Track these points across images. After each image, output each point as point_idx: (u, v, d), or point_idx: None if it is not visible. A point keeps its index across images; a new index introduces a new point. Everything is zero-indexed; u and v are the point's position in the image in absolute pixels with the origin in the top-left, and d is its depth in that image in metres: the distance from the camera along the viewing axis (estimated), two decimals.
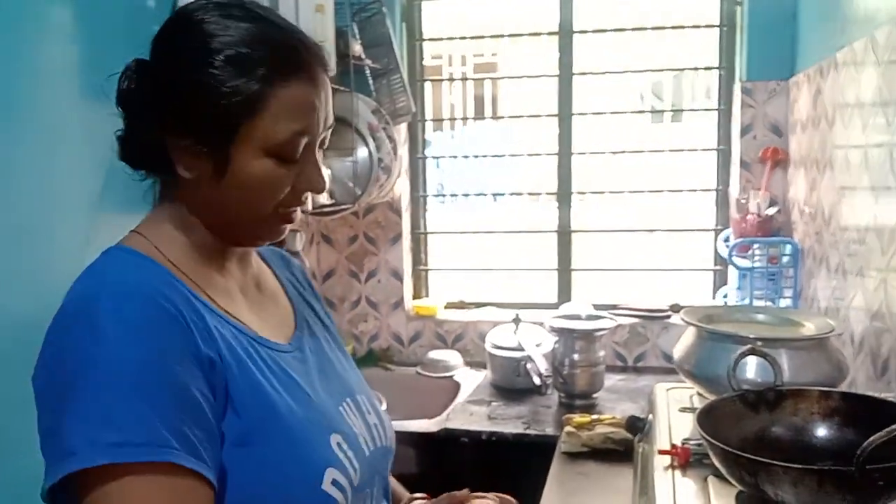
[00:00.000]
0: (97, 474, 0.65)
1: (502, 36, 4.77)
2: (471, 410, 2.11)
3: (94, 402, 0.66)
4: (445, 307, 2.73)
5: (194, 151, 0.78)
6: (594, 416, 1.77)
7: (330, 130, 0.86)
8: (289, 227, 0.86)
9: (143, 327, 0.70)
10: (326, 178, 0.87)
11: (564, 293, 2.68)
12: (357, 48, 2.27)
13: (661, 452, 1.17)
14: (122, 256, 0.78)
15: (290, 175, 0.81)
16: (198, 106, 0.77)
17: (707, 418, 1.03)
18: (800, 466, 0.86)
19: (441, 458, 1.97)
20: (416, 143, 2.73)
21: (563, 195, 2.65)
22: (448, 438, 1.97)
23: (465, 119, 5.20)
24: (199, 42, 0.78)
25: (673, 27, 4.07)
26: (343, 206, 2.28)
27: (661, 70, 3.48)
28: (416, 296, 2.78)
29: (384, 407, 2.29)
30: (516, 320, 2.35)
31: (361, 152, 2.24)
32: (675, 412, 1.37)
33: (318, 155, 0.85)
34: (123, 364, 0.67)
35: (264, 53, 0.78)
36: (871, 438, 0.81)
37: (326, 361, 0.94)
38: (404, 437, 2.02)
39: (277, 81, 0.78)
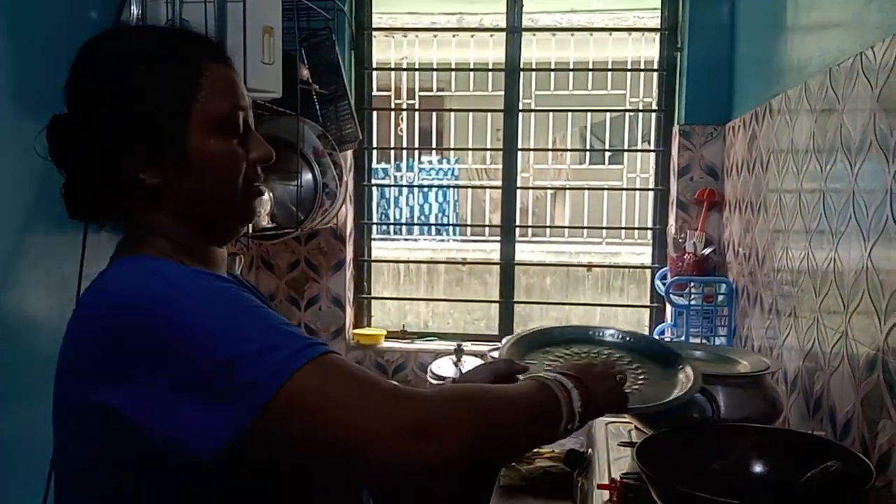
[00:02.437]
0: (299, 381, 0.66)
1: (450, 69, 4.85)
2: None
3: (242, 340, 0.68)
4: (387, 337, 2.70)
5: (151, 159, 0.80)
6: (533, 450, 1.76)
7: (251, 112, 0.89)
8: (258, 203, 0.89)
9: (223, 284, 0.75)
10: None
11: (506, 325, 2.68)
12: (305, 72, 2.26)
13: (601, 487, 1.17)
14: (154, 261, 0.79)
15: (241, 149, 0.84)
16: (144, 112, 0.79)
17: (646, 453, 1.03)
18: (738, 502, 0.86)
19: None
20: (362, 171, 2.72)
21: (507, 229, 2.67)
22: None
23: (410, 149, 5.21)
24: (122, 61, 0.81)
25: (615, 69, 4.22)
26: (285, 231, 2.24)
27: (604, 110, 3.58)
28: (358, 324, 2.75)
29: None
30: (458, 351, 2.34)
31: (306, 177, 2.22)
32: (614, 446, 1.38)
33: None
34: (237, 303, 0.72)
35: (180, 46, 0.83)
36: (809, 474, 0.83)
37: None
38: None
39: (202, 64, 0.82)
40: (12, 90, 1.45)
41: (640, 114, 4.67)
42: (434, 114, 5.42)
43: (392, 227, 4.92)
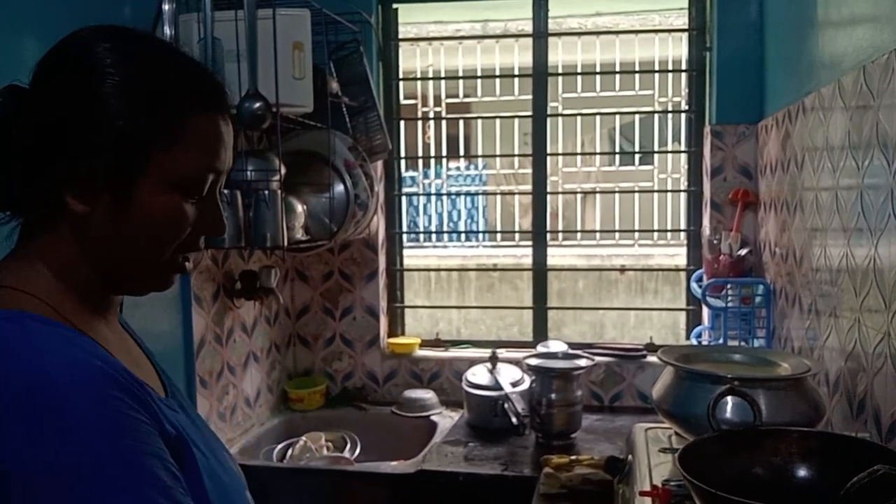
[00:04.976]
0: None
1: (476, 77, 4.85)
2: (447, 451, 2.08)
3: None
4: (421, 345, 2.71)
5: (91, 184, 0.71)
6: (572, 457, 1.75)
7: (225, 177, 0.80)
8: (176, 278, 0.79)
9: (121, 415, 0.65)
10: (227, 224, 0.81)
11: (540, 331, 2.68)
12: (334, 86, 2.28)
13: (643, 494, 1.16)
14: (38, 328, 0.67)
15: (193, 213, 0.75)
16: (106, 136, 0.70)
17: (688, 459, 1.02)
18: None
19: (417, 500, 1.93)
20: (392, 181, 2.74)
21: (539, 233, 2.67)
22: (424, 480, 1.93)
23: (439, 157, 5.22)
24: (107, 68, 0.71)
25: (642, 71, 4.19)
26: (319, 243, 2.27)
27: (633, 112, 3.55)
28: (392, 333, 2.76)
29: (358, 449, 2.27)
30: (493, 359, 2.34)
31: (338, 188, 2.24)
32: (654, 452, 1.37)
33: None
34: (124, 455, 0.63)
35: (181, 82, 0.74)
36: (854, 479, 0.82)
37: (195, 415, 0.87)
38: (379, 479, 1.98)
39: (194, 111, 0.73)
40: None
41: (670, 114, 4.63)
42: (461, 120, 5.44)
43: (422, 235, 4.93)
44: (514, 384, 2.24)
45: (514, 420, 2.12)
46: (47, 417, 0.61)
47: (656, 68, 4.08)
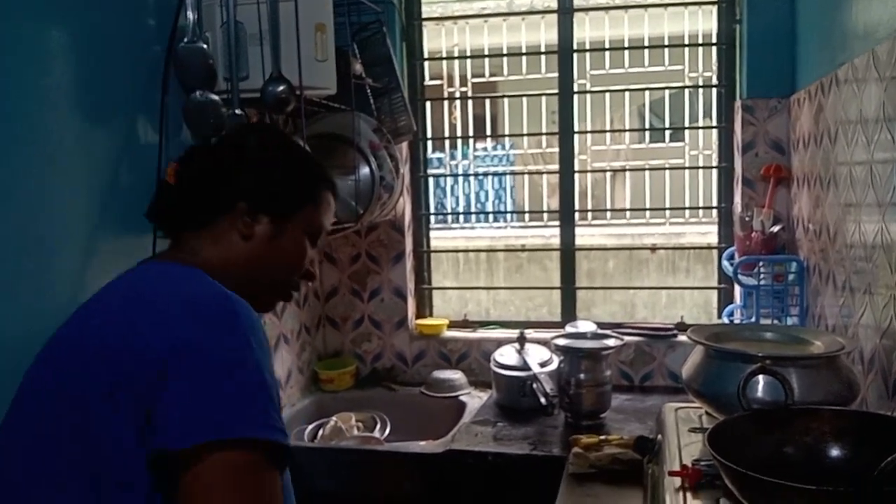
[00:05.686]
0: (252, 447, 0.81)
1: (502, 55, 4.80)
2: (476, 431, 2.09)
3: (258, 393, 0.84)
4: (449, 326, 2.72)
5: (260, 214, 1.04)
6: (602, 437, 1.75)
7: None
8: (278, 304, 1.15)
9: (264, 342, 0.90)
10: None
11: (569, 312, 2.66)
12: (358, 67, 2.27)
13: (672, 474, 1.15)
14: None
15: (309, 256, 1.10)
16: (284, 189, 1.07)
17: (718, 438, 1.01)
18: (815, 488, 0.84)
19: (446, 479, 1.94)
20: (418, 162, 2.73)
21: (566, 213, 2.64)
22: (453, 460, 1.94)
23: (465, 138, 5.19)
24: (292, 146, 1.16)
25: (671, 45, 4.11)
26: (346, 225, 2.27)
27: (662, 88, 3.49)
28: (420, 315, 2.77)
29: (388, 429, 2.28)
30: (521, 339, 2.33)
31: (363, 171, 2.24)
32: (684, 432, 1.36)
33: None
34: (260, 371, 0.85)
35: (321, 167, 1.15)
36: (889, 459, 0.80)
37: None
38: (408, 459, 2.00)
39: (325, 186, 1.13)
40: (77, 99, 1.51)
41: (701, 89, 4.55)
42: (488, 100, 5.39)
43: (450, 217, 4.92)
44: (543, 364, 2.24)
45: (542, 400, 2.12)
46: (221, 320, 0.87)
47: (686, 42, 4.00)
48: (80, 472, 0.82)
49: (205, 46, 1.72)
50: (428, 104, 2.83)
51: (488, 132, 5.64)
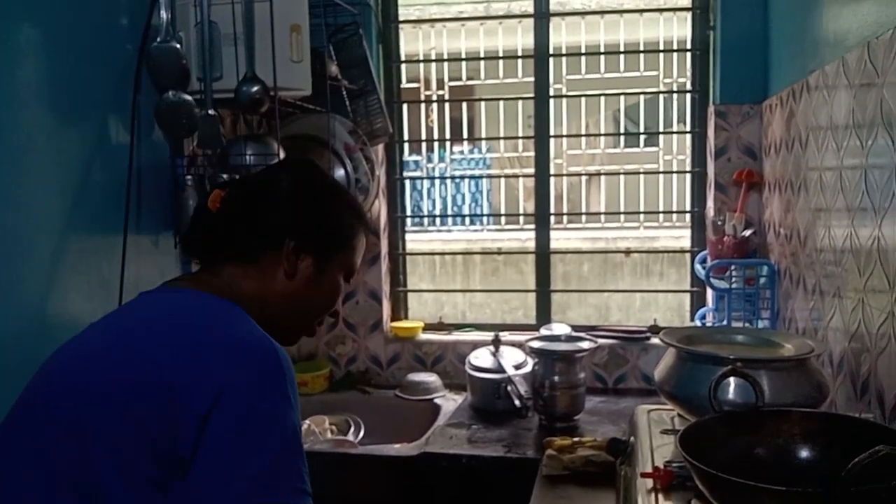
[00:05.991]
0: None
1: (479, 59, 4.81)
2: (450, 434, 2.09)
3: (295, 456, 0.87)
4: (424, 329, 2.71)
5: (302, 256, 1.06)
6: (575, 439, 1.75)
7: None
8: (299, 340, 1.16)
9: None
10: None
11: (544, 314, 2.67)
12: (333, 69, 2.27)
13: (644, 475, 1.16)
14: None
15: (342, 295, 1.15)
16: (333, 229, 1.11)
17: (689, 440, 1.02)
18: (784, 489, 0.85)
19: (420, 482, 1.94)
20: (394, 165, 2.72)
21: (542, 217, 2.65)
22: (427, 463, 1.94)
23: (442, 141, 5.19)
24: (336, 187, 1.22)
25: (646, 51, 4.15)
26: None
27: (637, 93, 3.52)
28: (395, 317, 2.76)
29: (362, 432, 2.27)
30: (496, 342, 2.34)
31: (338, 173, 2.23)
32: (656, 434, 1.37)
33: None
34: (297, 430, 0.89)
35: (361, 209, 1.20)
36: (856, 460, 0.81)
37: None
38: (383, 462, 1.99)
39: (362, 230, 1.16)
40: (48, 97, 1.48)
41: (675, 95, 4.60)
42: (464, 103, 5.40)
43: (426, 219, 4.91)
44: (517, 367, 2.24)
45: (516, 402, 2.12)
46: (268, 369, 0.89)
47: (660, 48, 4.04)
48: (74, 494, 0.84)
49: (178, 46, 1.71)
50: (405, 107, 2.83)
51: (465, 135, 5.65)
